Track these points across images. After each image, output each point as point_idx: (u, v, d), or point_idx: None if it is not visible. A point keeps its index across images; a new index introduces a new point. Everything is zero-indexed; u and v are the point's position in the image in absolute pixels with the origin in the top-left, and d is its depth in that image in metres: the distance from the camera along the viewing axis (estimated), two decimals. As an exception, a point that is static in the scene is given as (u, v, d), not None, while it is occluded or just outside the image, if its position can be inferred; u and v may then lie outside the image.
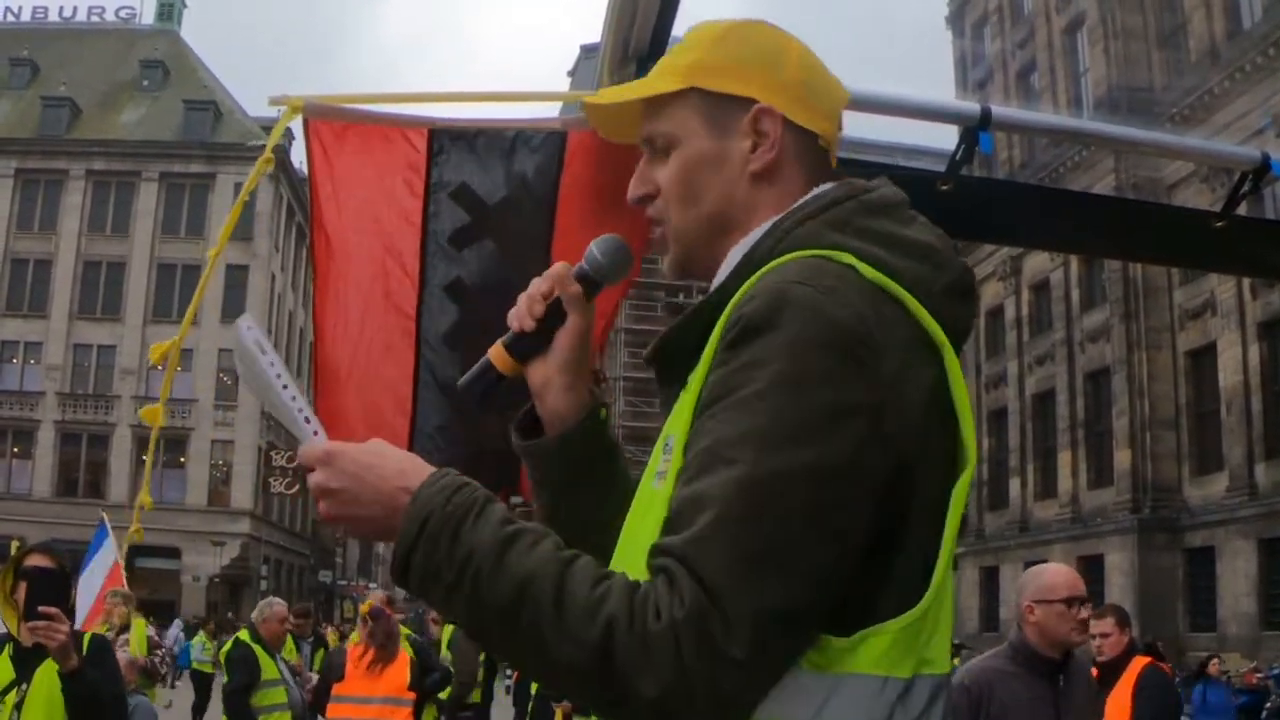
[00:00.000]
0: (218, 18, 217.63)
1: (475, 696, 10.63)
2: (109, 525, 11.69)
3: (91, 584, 10.59)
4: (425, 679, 9.37)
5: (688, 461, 1.55)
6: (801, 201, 1.76)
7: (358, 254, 4.04)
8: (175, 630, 35.71)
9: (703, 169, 1.81)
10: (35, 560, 4.96)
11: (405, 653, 9.24)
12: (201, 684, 24.87)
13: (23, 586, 4.87)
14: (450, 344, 4.06)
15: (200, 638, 28.14)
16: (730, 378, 1.54)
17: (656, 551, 1.50)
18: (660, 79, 1.87)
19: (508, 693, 22.80)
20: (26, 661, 4.85)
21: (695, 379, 1.64)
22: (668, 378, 1.80)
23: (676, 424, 1.66)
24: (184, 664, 28.74)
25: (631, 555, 1.63)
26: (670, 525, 1.52)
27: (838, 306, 1.54)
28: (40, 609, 4.66)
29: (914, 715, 1.54)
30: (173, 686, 28.37)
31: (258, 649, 9.72)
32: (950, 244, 1.75)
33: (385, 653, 9.03)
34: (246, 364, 1.79)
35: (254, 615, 10.26)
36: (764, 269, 1.64)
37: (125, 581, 11.41)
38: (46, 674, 4.80)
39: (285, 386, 1.77)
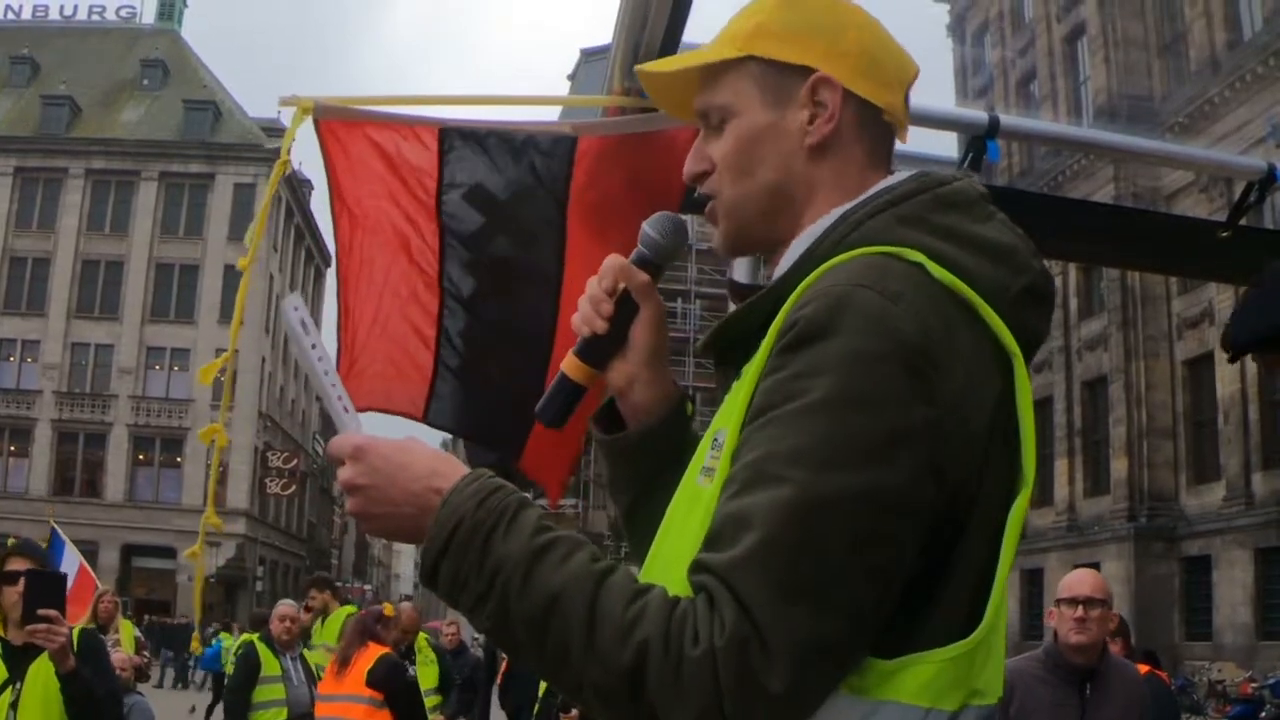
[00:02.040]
0: (219, 18, 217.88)
1: None
2: (62, 535, 12.14)
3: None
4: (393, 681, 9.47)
5: (734, 473, 1.46)
6: (872, 192, 1.66)
7: (377, 220, 4.08)
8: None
9: (759, 142, 1.71)
10: (17, 564, 4.96)
11: (374, 650, 9.37)
12: (220, 684, 25.02)
13: (9, 590, 4.87)
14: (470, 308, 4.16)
15: (226, 639, 28.19)
16: (783, 386, 1.45)
17: (697, 568, 1.43)
18: (718, 47, 1.76)
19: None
20: (18, 660, 4.86)
21: (749, 372, 1.55)
22: (726, 364, 1.72)
23: (727, 418, 1.57)
24: (217, 668, 28.36)
25: (669, 552, 1.58)
26: (712, 541, 1.44)
27: (903, 316, 1.45)
28: (39, 611, 4.67)
29: None
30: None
31: (261, 646, 9.93)
32: (1031, 245, 1.65)
33: (346, 650, 9.24)
34: (293, 342, 1.75)
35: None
36: (828, 264, 1.55)
37: (98, 581, 11.61)
38: (40, 671, 4.81)
39: (326, 372, 1.73)
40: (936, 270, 1.52)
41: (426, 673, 11.52)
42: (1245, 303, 2.97)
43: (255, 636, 10.29)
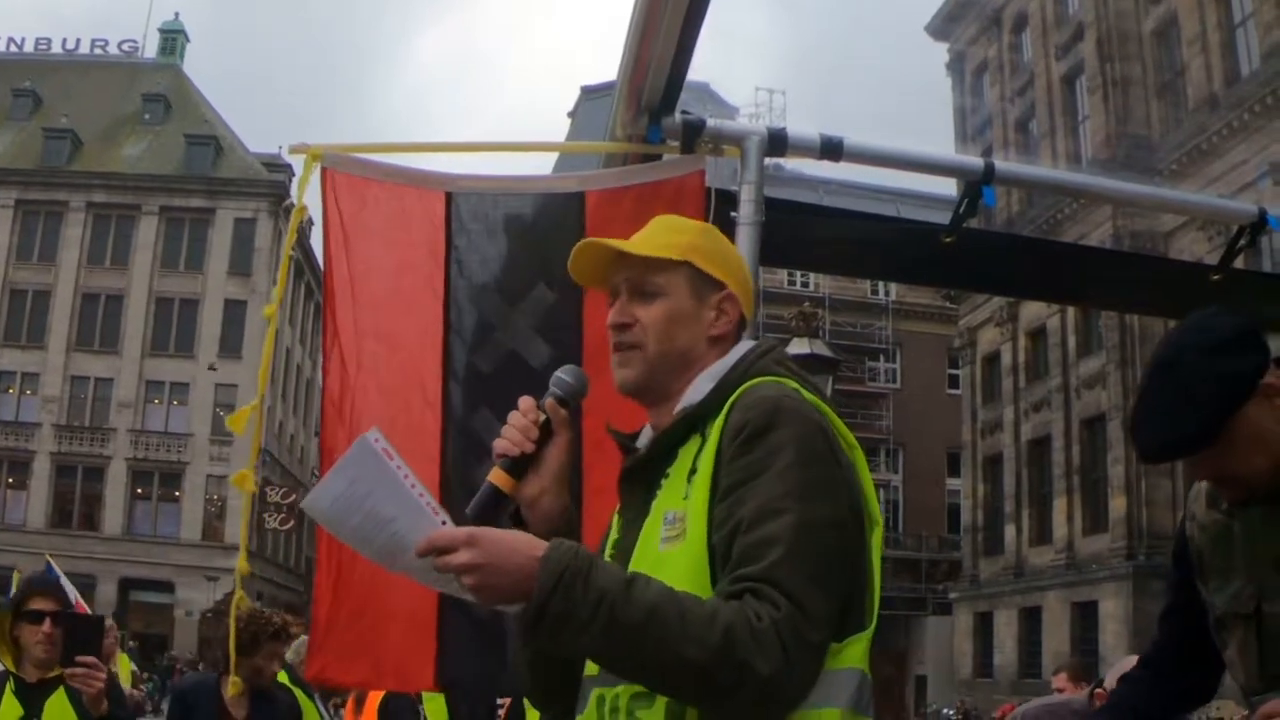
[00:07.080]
0: (220, 53, 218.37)
1: None
2: (57, 569, 12.19)
3: None
4: None
5: (739, 520, 2.11)
6: (750, 348, 2.43)
7: (366, 307, 4.09)
8: None
9: (681, 320, 2.42)
10: (39, 604, 4.98)
11: (379, 697, 9.39)
12: None
13: (30, 628, 4.91)
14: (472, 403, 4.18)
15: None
16: (758, 462, 2.14)
17: (739, 579, 2.06)
18: (664, 248, 2.44)
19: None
20: (33, 696, 4.87)
21: (704, 462, 2.22)
22: (643, 472, 2.37)
23: (673, 500, 2.25)
24: None
25: None
26: (742, 561, 2.08)
27: (812, 412, 2.22)
28: (78, 658, 4.70)
29: (868, 695, 2.19)
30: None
31: (297, 691, 9.42)
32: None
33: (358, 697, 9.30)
34: (367, 470, 2.12)
35: (290, 656, 9.79)
36: (743, 387, 2.28)
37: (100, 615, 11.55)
38: (56, 706, 4.83)
39: (413, 485, 2.13)
40: (804, 391, 2.29)
41: None
42: (1149, 399, 2.99)
43: (286, 678, 8.74)
